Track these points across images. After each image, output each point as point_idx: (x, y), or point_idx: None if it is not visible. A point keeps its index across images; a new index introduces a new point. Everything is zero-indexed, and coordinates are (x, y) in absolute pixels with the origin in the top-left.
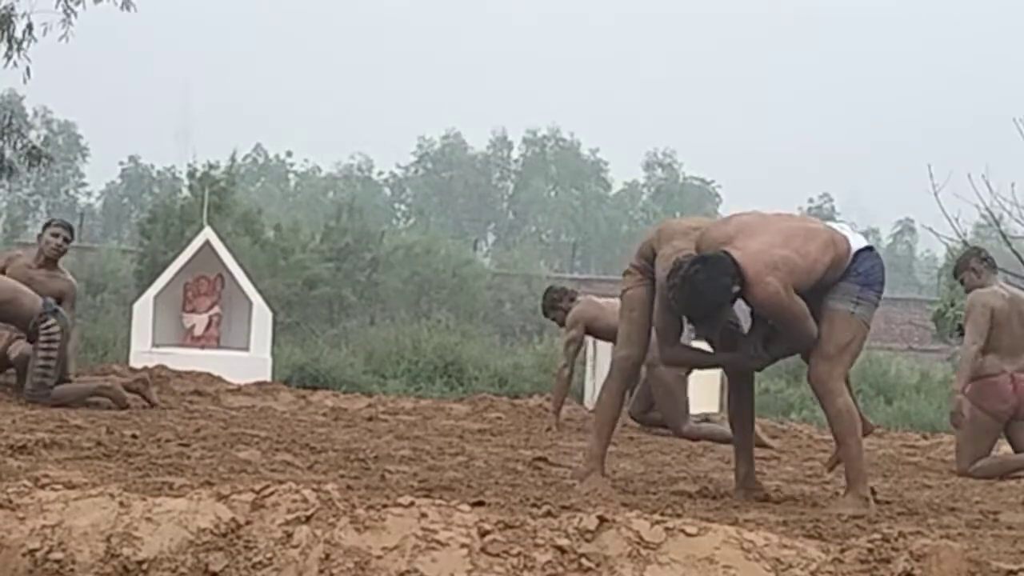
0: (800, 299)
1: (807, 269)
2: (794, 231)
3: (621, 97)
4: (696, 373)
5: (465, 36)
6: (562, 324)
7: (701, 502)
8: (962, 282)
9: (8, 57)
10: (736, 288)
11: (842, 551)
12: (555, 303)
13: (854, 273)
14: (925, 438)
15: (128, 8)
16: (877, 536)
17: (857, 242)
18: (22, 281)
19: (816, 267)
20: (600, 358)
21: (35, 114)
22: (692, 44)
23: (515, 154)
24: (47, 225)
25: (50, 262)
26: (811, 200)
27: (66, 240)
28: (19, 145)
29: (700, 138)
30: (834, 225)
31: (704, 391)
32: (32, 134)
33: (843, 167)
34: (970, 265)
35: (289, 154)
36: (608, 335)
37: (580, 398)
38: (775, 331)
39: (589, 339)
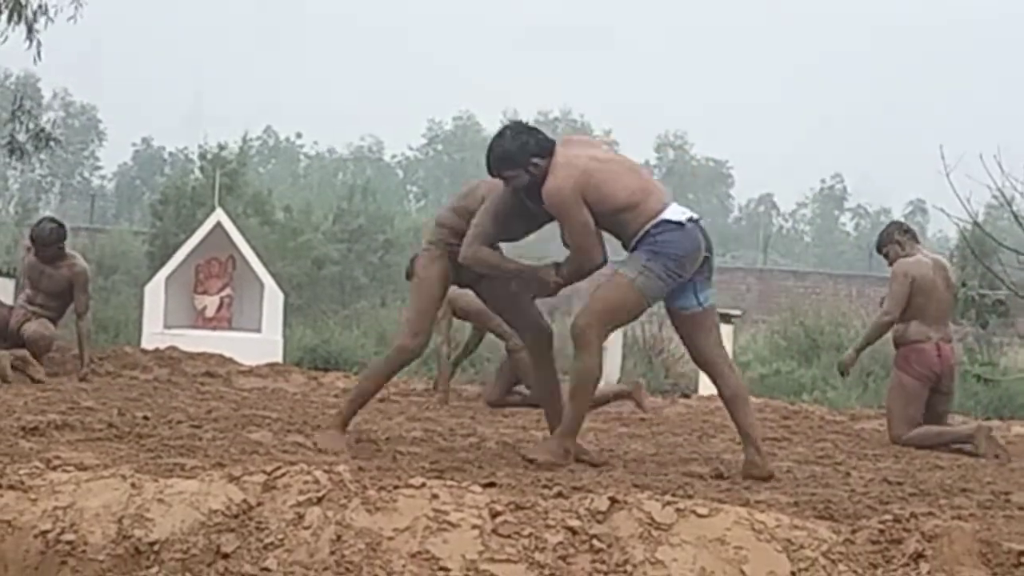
0: (588, 214)
1: (607, 192)
2: (624, 162)
3: (632, 78)
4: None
5: (476, 18)
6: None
7: (712, 483)
8: (886, 255)
9: (29, 40)
10: (536, 161)
11: (853, 532)
12: None
13: (649, 240)
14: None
15: None
16: (889, 517)
17: (672, 213)
18: (34, 277)
19: (617, 196)
20: (611, 339)
21: (54, 96)
22: (703, 25)
23: None
24: (36, 225)
25: (51, 257)
26: (823, 180)
27: (57, 235)
28: (30, 127)
29: (711, 119)
30: (673, 205)
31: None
32: (49, 115)
33: (855, 148)
34: (893, 238)
35: (299, 136)
36: None
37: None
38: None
39: None
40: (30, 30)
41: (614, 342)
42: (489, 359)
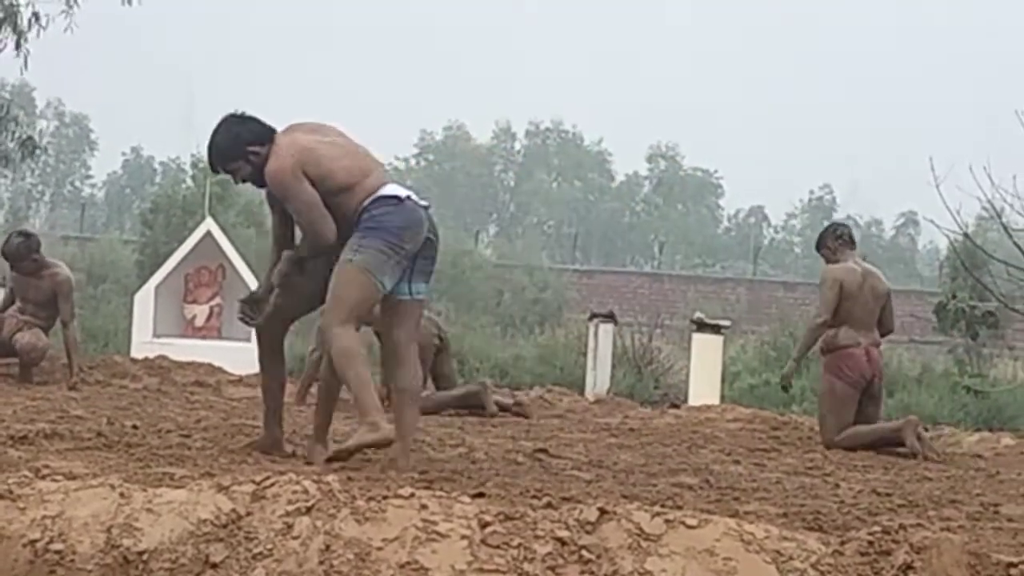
0: (313, 191)
1: (327, 169)
2: (347, 144)
3: (625, 89)
4: (701, 371)
5: (468, 27)
6: None
7: (702, 494)
8: (824, 258)
9: (18, 48)
10: (254, 149)
11: (842, 543)
12: None
13: (366, 217)
14: (926, 430)
15: (129, 3)
16: (877, 528)
17: (390, 189)
18: (19, 289)
19: (336, 174)
20: (601, 349)
21: (47, 105)
22: (695, 36)
23: (518, 146)
24: (4, 241)
25: (31, 269)
26: (812, 192)
27: (26, 248)
28: (17, 135)
29: (702, 130)
30: (392, 184)
31: (706, 385)
32: (41, 125)
33: (845, 159)
34: (826, 243)
35: None
36: None
37: (581, 389)
38: None
39: (591, 330)
40: (20, 39)
41: (604, 352)
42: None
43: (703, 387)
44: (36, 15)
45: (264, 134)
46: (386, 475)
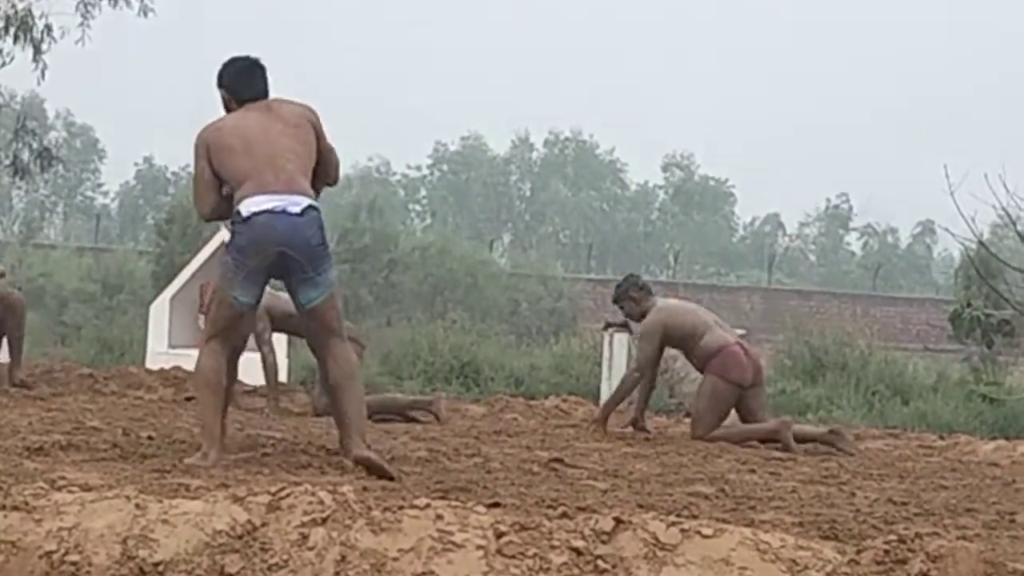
0: (208, 170)
1: (218, 160)
2: (255, 140)
3: (639, 97)
4: None
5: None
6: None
7: (717, 503)
8: (623, 310)
9: (35, 61)
10: (223, 95)
11: (858, 552)
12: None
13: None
14: (942, 438)
15: (144, 14)
16: (893, 537)
17: (247, 205)
18: None
19: (223, 168)
20: (616, 359)
21: (56, 116)
22: (710, 46)
23: (535, 155)
24: None
25: None
26: (828, 200)
27: None
28: (33, 147)
29: (717, 139)
30: (258, 196)
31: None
32: (52, 135)
33: (861, 167)
34: (628, 294)
35: None
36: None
37: (596, 399)
38: None
39: (606, 339)
40: (37, 51)
41: (619, 362)
42: None
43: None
44: (49, 27)
45: (230, 90)
46: (401, 484)
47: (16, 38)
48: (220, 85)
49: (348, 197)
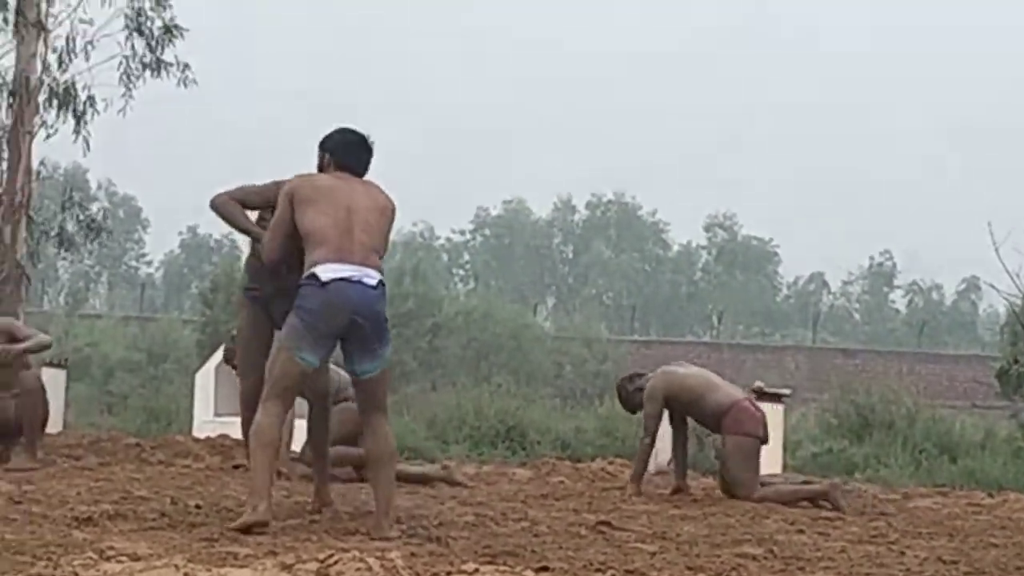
0: (287, 218)
1: (301, 213)
2: (338, 204)
3: (682, 159)
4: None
5: (524, 104)
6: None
7: (766, 564)
8: (626, 402)
9: (77, 133)
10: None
11: None
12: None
13: (297, 293)
14: (991, 496)
15: (185, 85)
16: None
17: (326, 270)
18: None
19: (303, 221)
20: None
21: (99, 187)
22: (746, 103)
23: (577, 217)
24: None
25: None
26: (872, 258)
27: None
28: (80, 218)
29: (759, 199)
30: (333, 264)
31: (767, 454)
32: (95, 206)
33: (903, 224)
34: (627, 388)
35: None
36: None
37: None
38: None
39: None
40: (80, 122)
41: (665, 424)
42: None
43: (765, 457)
44: (92, 98)
45: (335, 154)
46: (448, 550)
47: (59, 110)
48: (324, 148)
49: (392, 262)
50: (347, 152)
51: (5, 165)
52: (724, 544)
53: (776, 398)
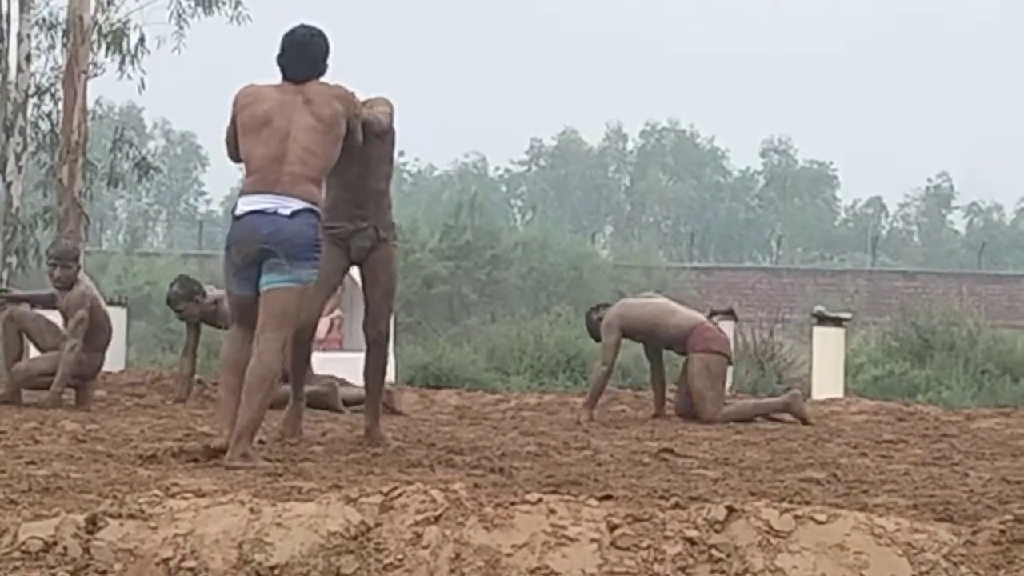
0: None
1: (241, 136)
2: (275, 126)
3: (738, 85)
4: (824, 364)
5: (581, 31)
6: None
7: (830, 488)
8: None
9: (121, 71)
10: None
11: (974, 533)
12: None
13: None
14: None
15: (239, 21)
16: (1009, 517)
17: (241, 204)
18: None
19: (242, 142)
20: None
21: (154, 126)
22: (804, 30)
23: (630, 146)
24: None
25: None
26: (929, 179)
27: (61, 267)
28: (131, 156)
29: (815, 122)
30: (248, 196)
31: (829, 378)
32: (151, 145)
33: (961, 144)
34: (591, 319)
35: (401, 154)
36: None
37: None
38: None
39: None
40: (133, 61)
41: None
42: None
43: (826, 381)
44: (143, 38)
45: (277, 63)
46: (512, 480)
47: (109, 49)
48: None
49: (448, 194)
50: (285, 60)
51: (61, 105)
52: (787, 469)
53: (837, 322)
